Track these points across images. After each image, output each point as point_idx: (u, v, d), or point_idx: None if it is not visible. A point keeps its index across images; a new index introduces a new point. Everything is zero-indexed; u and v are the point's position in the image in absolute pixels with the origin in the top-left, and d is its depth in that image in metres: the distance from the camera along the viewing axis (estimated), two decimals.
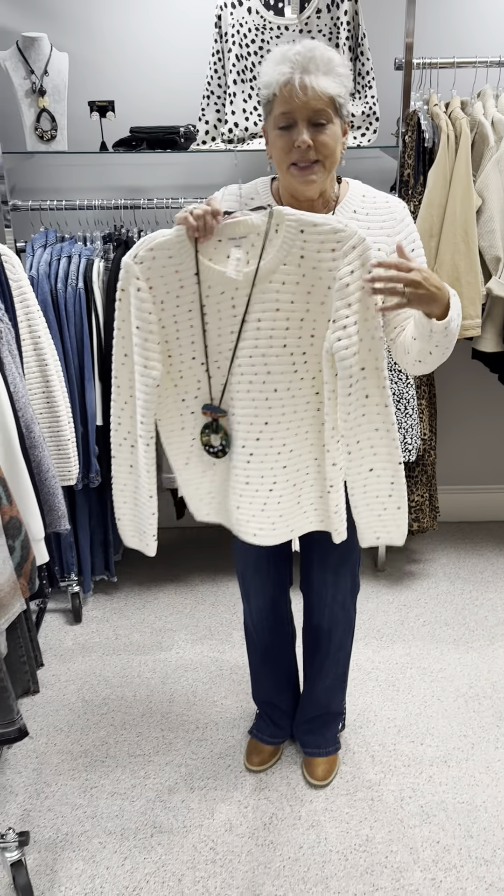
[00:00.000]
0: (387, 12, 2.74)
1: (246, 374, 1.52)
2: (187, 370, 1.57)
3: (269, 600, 1.96)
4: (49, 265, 2.47)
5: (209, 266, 1.46)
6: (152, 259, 1.45)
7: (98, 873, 1.80)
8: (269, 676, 2.08)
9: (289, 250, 1.43)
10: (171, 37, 2.76)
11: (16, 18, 2.70)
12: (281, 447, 1.57)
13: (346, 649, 2.00)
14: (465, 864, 1.80)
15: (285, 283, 1.45)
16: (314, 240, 1.41)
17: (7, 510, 1.61)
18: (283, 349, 1.50)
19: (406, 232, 1.62)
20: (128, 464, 1.66)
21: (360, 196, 1.62)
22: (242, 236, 1.45)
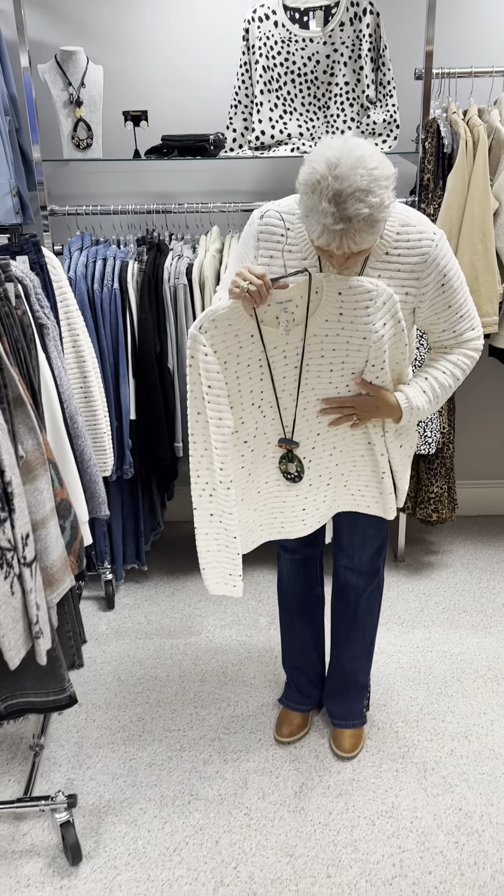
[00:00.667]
0: (407, 25, 2.86)
1: (303, 409, 1.79)
2: (247, 416, 1.78)
3: (303, 554, 2.10)
4: (86, 267, 2.60)
5: (264, 328, 1.69)
6: (214, 328, 1.66)
7: (140, 835, 1.92)
8: (299, 634, 2.19)
9: (329, 308, 1.66)
10: (201, 50, 2.88)
11: (54, 34, 2.84)
12: (332, 449, 1.84)
13: (373, 615, 2.11)
14: (486, 829, 1.90)
15: (328, 335, 1.69)
16: (350, 299, 1.64)
17: (59, 492, 1.74)
18: (329, 384, 1.75)
19: (436, 272, 1.64)
20: (208, 513, 1.81)
21: (395, 234, 1.64)
22: (288, 300, 1.67)
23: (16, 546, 1.50)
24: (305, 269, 1.64)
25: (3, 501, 1.46)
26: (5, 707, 1.77)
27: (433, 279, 1.66)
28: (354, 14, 2.60)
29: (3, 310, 1.62)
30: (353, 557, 2.04)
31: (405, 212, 1.66)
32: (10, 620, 1.49)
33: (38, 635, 1.56)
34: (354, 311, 1.65)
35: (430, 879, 1.78)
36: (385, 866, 1.82)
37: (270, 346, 1.71)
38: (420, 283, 1.67)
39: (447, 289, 1.69)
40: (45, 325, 1.94)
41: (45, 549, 1.64)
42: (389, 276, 1.66)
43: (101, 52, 2.86)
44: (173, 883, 1.79)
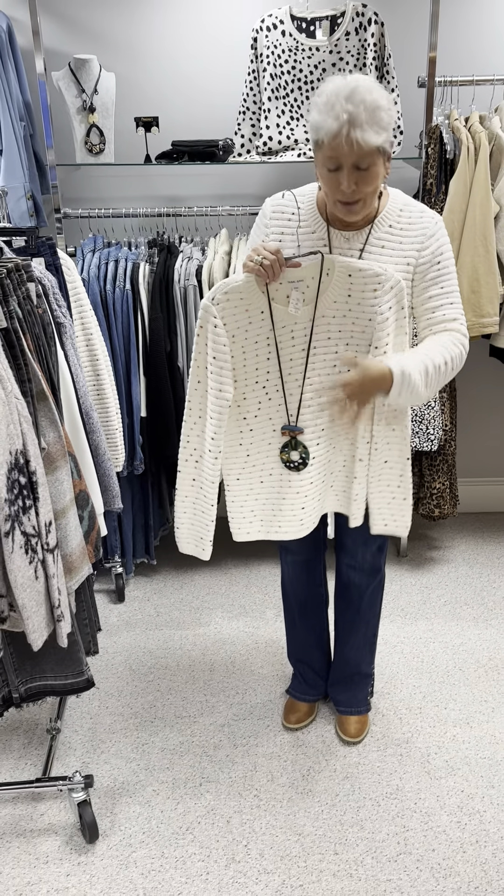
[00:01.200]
0: (410, 35, 2.94)
1: (308, 393, 1.81)
2: (250, 393, 1.83)
3: (304, 556, 2.15)
4: (98, 268, 2.68)
5: (275, 306, 1.74)
6: (227, 301, 1.72)
7: (154, 815, 1.99)
8: (303, 632, 2.26)
9: (339, 290, 1.71)
10: (211, 58, 2.97)
11: (68, 42, 2.92)
12: (331, 448, 1.87)
13: (375, 609, 2.18)
14: (487, 810, 1.98)
15: (335, 316, 1.74)
16: (359, 282, 1.69)
17: (77, 484, 1.81)
18: (334, 368, 1.79)
19: (434, 247, 1.75)
20: (191, 478, 1.89)
21: (398, 210, 1.76)
22: (300, 279, 1.72)
23: (40, 533, 1.57)
24: (318, 251, 1.69)
25: (28, 490, 1.54)
26: (26, 689, 1.85)
27: (431, 251, 1.75)
28: (360, 24, 2.69)
29: (25, 308, 1.69)
30: (356, 555, 2.10)
31: (407, 197, 1.80)
32: (35, 604, 1.57)
33: (59, 618, 1.63)
34: (363, 293, 1.70)
35: (433, 856, 1.85)
36: (390, 844, 1.89)
37: (279, 325, 1.75)
38: (419, 255, 1.74)
39: (441, 268, 1.76)
40: (63, 323, 2.02)
41: (65, 538, 1.71)
42: (392, 246, 1.75)
43: (113, 60, 2.94)
44: (186, 860, 1.86)
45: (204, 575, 3.14)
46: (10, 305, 1.56)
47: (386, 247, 1.75)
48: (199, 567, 3.20)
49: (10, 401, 1.48)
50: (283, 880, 1.80)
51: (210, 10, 2.91)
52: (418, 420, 2.81)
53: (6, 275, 1.60)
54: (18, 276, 1.69)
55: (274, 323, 1.75)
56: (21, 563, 1.51)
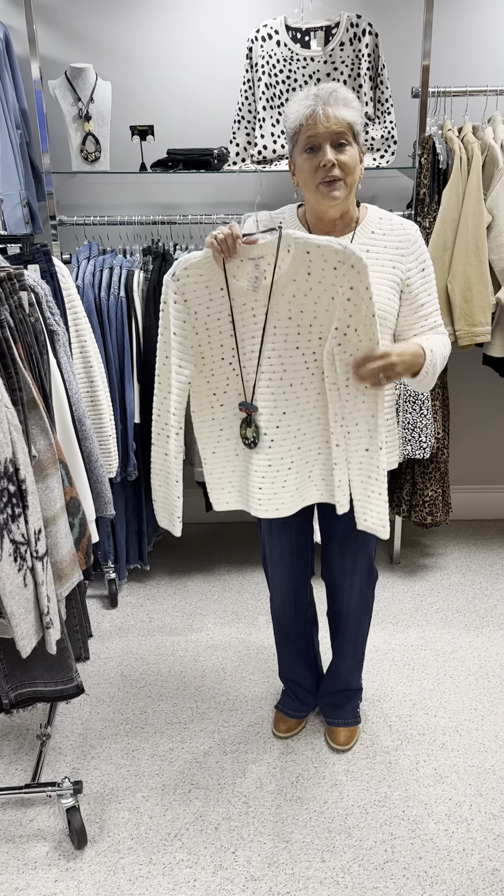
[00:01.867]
0: (404, 46, 2.96)
1: (266, 373, 1.77)
2: (218, 369, 1.81)
3: (291, 588, 2.14)
4: (93, 276, 2.69)
5: (234, 282, 1.71)
6: (187, 276, 1.71)
7: (142, 822, 1.99)
8: (291, 656, 2.27)
9: (298, 268, 1.67)
10: (206, 67, 2.99)
11: (65, 50, 2.94)
12: (296, 432, 1.81)
13: (363, 631, 2.19)
14: (475, 818, 1.98)
15: (296, 295, 1.70)
16: (318, 259, 1.65)
17: (68, 491, 1.82)
18: (296, 350, 1.74)
19: (417, 253, 1.80)
20: (163, 452, 1.87)
21: (378, 219, 1.82)
22: (260, 256, 1.69)
23: (29, 540, 1.58)
24: (280, 226, 1.68)
25: (17, 498, 1.55)
26: (16, 696, 1.85)
27: (416, 257, 1.79)
28: (354, 35, 2.71)
29: (17, 317, 1.71)
30: (344, 585, 2.10)
31: (382, 210, 1.85)
32: (23, 611, 1.58)
33: (48, 625, 1.64)
34: (323, 271, 1.65)
35: (420, 864, 1.86)
36: (377, 852, 1.89)
37: (240, 303, 1.73)
38: (405, 261, 1.78)
39: (426, 274, 1.81)
40: (56, 331, 2.03)
41: (56, 545, 1.72)
42: (377, 250, 1.78)
43: (109, 69, 2.96)
44: (174, 866, 1.87)
45: (197, 581, 3.15)
46: (2, 314, 1.58)
47: (371, 251, 1.78)
48: (192, 573, 3.21)
49: (0, 409, 1.49)
50: (269, 887, 1.80)
51: (206, 20, 2.93)
52: (411, 428, 2.82)
53: None
54: (10, 286, 1.70)
55: (233, 300, 1.73)
56: (10, 570, 1.52)
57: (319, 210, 1.76)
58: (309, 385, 1.77)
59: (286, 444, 1.81)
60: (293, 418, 1.80)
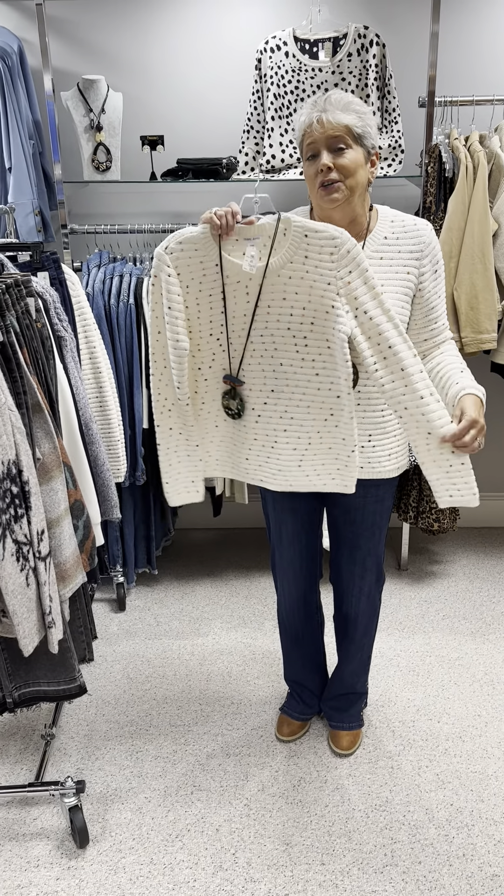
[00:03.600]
0: (411, 56, 2.99)
1: (258, 350, 1.79)
2: (205, 344, 1.84)
3: (300, 592, 2.16)
4: (103, 283, 2.73)
5: (229, 259, 1.73)
6: (181, 251, 1.73)
7: (144, 822, 2.01)
8: (299, 659, 2.28)
9: (295, 251, 1.69)
10: (215, 78, 3.03)
11: (77, 63, 3.00)
12: (283, 412, 1.82)
13: (370, 635, 2.19)
14: (475, 824, 1.98)
15: (291, 277, 1.71)
16: (315, 243, 1.66)
17: (73, 493, 1.85)
18: (288, 331, 1.75)
19: (432, 255, 1.80)
20: (168, 427, 1.89)
21: (390, 222, 1.81)
22: (256, 237, 1.71)
23: (31, 541, 1.61)
24: (277, 211, 1.71)
25: (20, 499, 1.58)
26: (19, 695, 1.88)
27: (430, 259, 1.79)
28: (362, 45, 2.74)
29: (23, 322, 1.74)
30: (352, 589, 2.10)
31: (395, 211, 1.84)
32: (26, 610, 1.61)
33: (50, 625, 1.67)
34: (319, 255, 1.66)
35: (419, 869, 1.86)
36: (377, 856, 1.90)
37: (233, 280, 1.75)
38: (420, 265, 1.78)
39: (438, 276, 1.82)
40: (63, 337, 2.07)
41: (59, 546, 1.75)
42: (391, 257, 1.78)
43: (121, 81, 3.01)
44: (175, 866, 1.88)
45: (205, 586, 3.17)
46: (7, 320, 1.61)
47: (384, 258, 1.78)
48: (200, 578, 3.23)
49: (4, 412, 1.53)
50: (268, 889, 1.81)
51: (215, 33, 2.98)
52: None
53: (5, 290, 1.65)
54: (18, 292, 1.74)
55: (227, 277, 1.75)
56: (12, 570, 1.55)
57: (324, 215, 1.78)
58: (299, 370, 1.78)
59: (272, 422, 1.83)
60: (280, 399, 1.81)
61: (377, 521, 2.00)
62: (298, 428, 1.83)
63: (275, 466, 1.88)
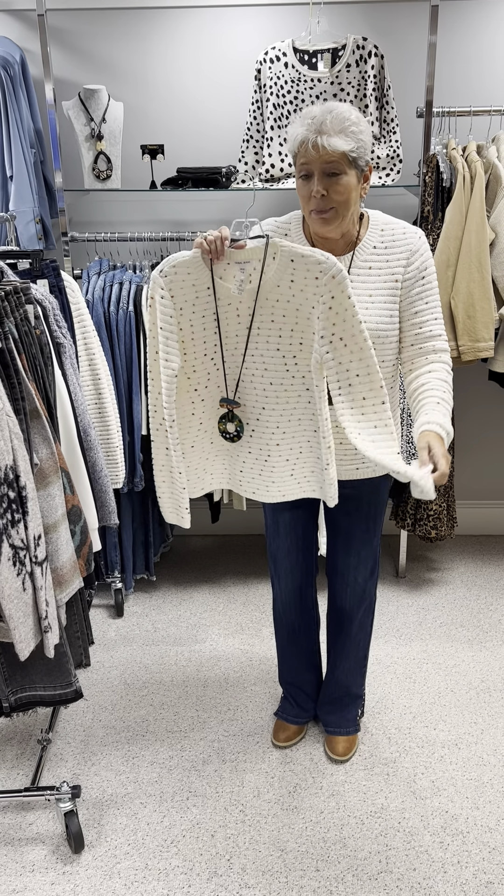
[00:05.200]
0: (409, 67, 3.02)
1: (250, 370, 1.83)
2: (200, 366, 1.88)
3: (296, 583, 2.18)
4: (103, 290, 2.75)
5: (220, 283, 1.77)
6: (174, 274, 1.77)
7: (140, 828, 2.02)
8: (294, 657, 2.29)
9: (282, 275, 1.72)
10: (215, 88, 3.06)
11: (78, 73, 3.03)
12: (275, 429, 1.87)
13: (366, 631, 2.20)
14: (470, 831, 1.98)
15: (279, 300, 1.75)
16: (302, 268, 1.70)
17: (70, 499, 1.87)
18: (277, 352, 1.80)
19: (420, 261, 1.81)
20: (164, 446, 1.92)
21: (380, 230, 1.83)
22: (246, 261, 1.75)
23: (28, 546, 1.62)
24: (266, 235, 1.73)
25: (17, 504, 1.59)
26: (16, 699, 1.89)
27: (416, 267, 1.79)
28: (360, 56, 2.76)
29: (22, 329, 1.76)
30: (347, 579, 2.13)
31: (386, 217, 1.85)
32: (22, 614, 1.62)
33: (46, 630, 1.68)
34: (305, 279, 1.69)
35: (414, 876, 1.86)
36: (372, 863, 1.90)
37: (225, 303, 1.79)
38: (406, 271, 1.79)
39: (426, 283, 1.81)
40: (62, 343, 2.09)
41: (56, 551, 1.76)
42: (379, 266, 1.79)
43: (121, 90, 3.04)
44: (169, 872, 1.88)
45: (203, 592, 3.17)
46: (6, 326, 1.63)
47: (373, 267, 1.80)
48: (198, 584, 3.24)
49: (2, 418, 1.54)
50: (263, 895, 1.82)
51: (215, 44, 3.01)
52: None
53: (4, 297, 1.67)
54: (17, 299, 1.76)
55: (219, 300, 1.79)
56: (8, 574, 1.56)
57: (315, 230, 1.80)
58: (289, 387, 1.83)
59: (265, 437, 1.88)
60: (272, 415, 1.85)
61: (371, 513, 2.04)
62: (290, 440, 1.88)
63: (268, 478, 1.92)
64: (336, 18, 2.97)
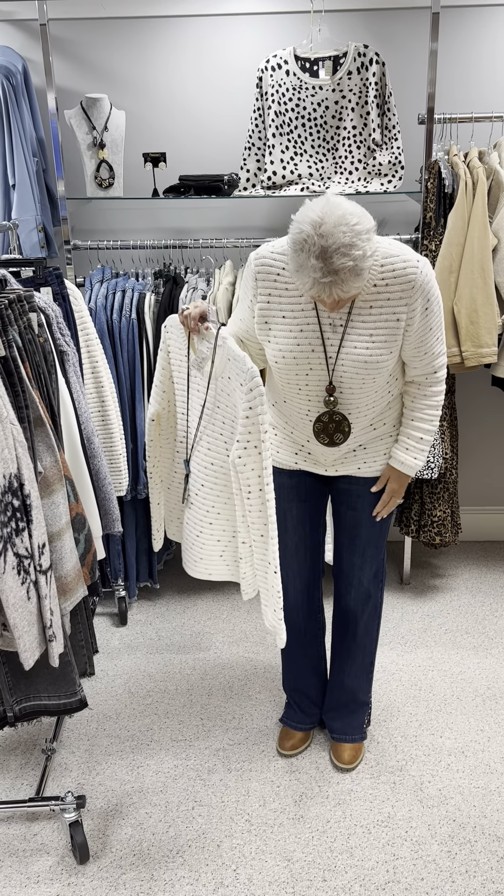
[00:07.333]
0: (411, 74, 3.03)
1: (201, 442, 1.93)
2: (179, 421, 2.02)
3: (304, 584, 2.17)
4: (105, 298, 2.75)
5: (192, 354, 1.90)
6: (173, 329, 1.93)
7: (145, 838, 2.00)
8: (301, 660, 2.27)
9: (223, 368, 1.81)
10: (217, 96, 3.07)
11: (80, 81, 3.03)
12: (210, 507, 1.94)
13: (371, 635, 2.19)
14: (478, 840, 1.97)
15: (223, 390, 1.83)
16: (235, 368, 1.76)
17: (74, 507, 1.86)
18: (220, 437, 1.88)
19: (423, 297, 1.76)
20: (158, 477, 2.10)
21: (380, 267, 1.74)
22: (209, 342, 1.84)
23: (32, 554, 1.62)
24: (221, 325, 1.81)
25: (21, 513, 1.59)
26: (20, 709, 1.88)
27: (420, 302, 1.77)
28: (361, 64, 2.77)
29: (26, 337, 1.76)
30: (352, 580, 2.12)
31: (387, 245, 1.76)
32: (26, 623, 1.61)
33: (51, 638, 1.67)
34: (237, 380, 1.75)
35: (422, 885, 1.85)
36: (379, 872, 1.89)
37: (194, 373, 1.91)
38: (409, 308, 1.76)
39: (430, 312, 1.80)
40: (66, 351, 2.09)
41: (60, 560, 1.76)
42: (381, 305, 1.77)
43: (123, 99, 3.05)
44: (175, 883, 1.87)
45: (207, 600, 3.16)
46: (10, 335, 1.63)
47: (374, 306, 1.78)
48: (202, 592, 3.23)
49: (6, 426, 1.54)
50: None
51: (217, 52, 3.01)
52: None
53: (7, 305, 1.66)
54: (20, 307, 1.76)
55: (190, 368, 1.91)
56: (13, 583, 1.56)
57: None
58: (226, 472, 1.90)
59: (200, 513, 1.96)
60: (209, 494, 1.93)
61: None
62: (224, 522, 1.95)
63: (198, 554, 1.99)
64: (337, 26, 2.98)
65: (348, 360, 1.80)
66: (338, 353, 1.81)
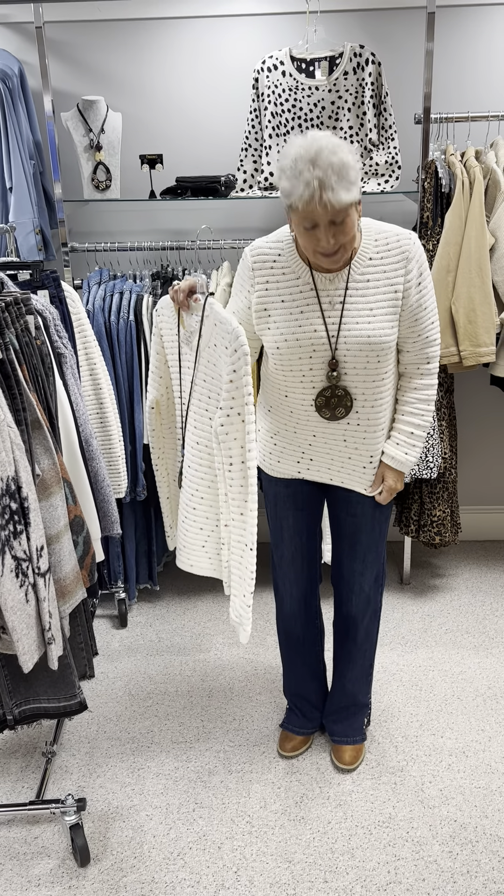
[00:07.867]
0: (407, 73, 3.03)
1: (190, 423, 1.90)
2: (175, 404, 2.00)
3: (301, 592, 2.17)
4: (103, 300, 2.75)
5: (182, 331, 1.88)
6: (164, 311, 1.92)
7: (146, 840, 2.00)
8: (300, 667, 2.27)
9: (210, 336, 1.79)
10: (213, 97, 3.07)
11: (77, 84, 3.04)
12: (194, 491, 1.91)
13: (371, 639, 2.19)
14: (479, 840, 1.97)
15: (209, 360, 1.81)
16: (221, 332, 1.74)
17: (73, 509, 1.86)
18: (206, 412, 1.86)
19: (417, 267, 1.80)
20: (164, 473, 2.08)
21: (374, 241, 1.80)
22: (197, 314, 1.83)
23: (31, 557, 1.62)
24: (211, 293, 1.80)
25: (20, 515, 1.58)
26: (20, 712, 1.88)
27: (415, 273, 1.79)
28: (357, 64, 2.77)
29: (23, 340, 1.76)
30: (353, 586, 2.12)
31: (378, 224, 1.83)
32: (25, 626, 1.61)
33: (50, 641, 1.67)
34: (223, 343, 1.72)
35: (423, 886, 1.84)
36: (380, 873, 1.88)
37: (184, 351, 1.89)
38: (405, 280, 1.79)
39: (422, 287, 1.82)
40: (63, 354, 2.08)
41: (59, 562, 1.76)
42: (377, 278, 1.79)
43: (120, 101, 3.05)
44: (176, 885, 1.87)
45: (207, 601, 3.16)
46: (7, 338, 1.63)
47: (371, 280, 1.79)
48: (202, 593, 3.22)
49: (3, 429, 1.53)
50: None
51: (213, 53, 3.01)
52: None
53: (4, 308, 1.66)
54: (17, 310, 1.76)
55: (181, 347, 1.89)
56: (11, 586, 1.55)
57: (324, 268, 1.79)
58: (211, 451, 1.86)
59: (186, 495, 1.93)
60: (194, 477, 1.90)
61: (377, 516, 2.04)
62: (208, 509, 1.90)
63: (182, 542, 1.97)
64: (333, 27, 2.98)
65: (351, 336, 1.80)
66: (339, 331, 1.80)
